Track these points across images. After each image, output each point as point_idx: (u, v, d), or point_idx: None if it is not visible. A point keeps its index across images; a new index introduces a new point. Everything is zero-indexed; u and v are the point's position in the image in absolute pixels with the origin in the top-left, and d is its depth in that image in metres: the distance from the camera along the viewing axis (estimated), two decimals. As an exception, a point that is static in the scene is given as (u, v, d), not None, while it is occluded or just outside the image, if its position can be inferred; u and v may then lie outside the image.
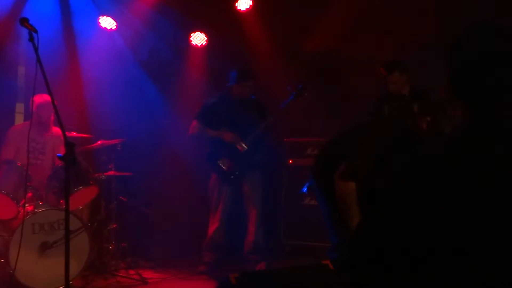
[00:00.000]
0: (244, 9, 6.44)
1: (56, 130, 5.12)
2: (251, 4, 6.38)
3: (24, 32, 3.19)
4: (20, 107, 6.10)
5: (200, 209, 5.79)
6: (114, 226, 5.35)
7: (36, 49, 3.08)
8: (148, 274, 5.11)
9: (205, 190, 5.50)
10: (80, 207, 5.02)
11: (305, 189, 4.44)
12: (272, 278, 2.65)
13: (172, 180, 6.28)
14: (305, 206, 5.72)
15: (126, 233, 5.53)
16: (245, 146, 5.24)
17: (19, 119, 6.02)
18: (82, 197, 4.91)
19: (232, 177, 5.29)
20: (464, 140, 1.43)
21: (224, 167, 5.29)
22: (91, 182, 4.95)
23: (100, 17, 6.29)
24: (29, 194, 4.67)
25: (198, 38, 6.73)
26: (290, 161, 5.99)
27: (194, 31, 6.69)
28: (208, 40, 6.73)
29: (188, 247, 5.70)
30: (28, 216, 4.39)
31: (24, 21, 3.15)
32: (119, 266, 5.20)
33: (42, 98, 4.93)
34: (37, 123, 5.02)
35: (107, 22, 6.33)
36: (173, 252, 5.74)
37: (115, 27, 6.36)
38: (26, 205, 4.56)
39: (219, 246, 5.32)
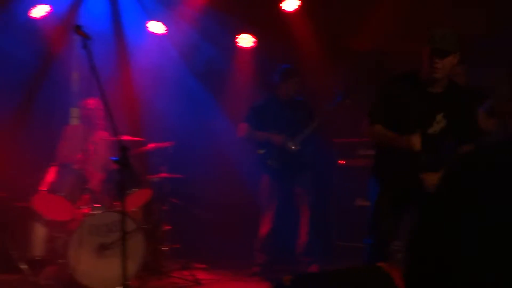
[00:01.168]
0: (292, 10, 6.42)
1: (108, 133, 5.24)
2: (299, 4, 6.35)
3: (77, 38, 3.26)
4: (75, 112, 6.28)
5: (250, 210, 5.81)
6: (168, 227, 5.43)
7: (89, 56, 3.15)
8: (201, 275, 5.15)
9: (255, 191, 5.51)
10: (135, 209, 5.11)
11: None
12: (327, 280, 2.63)
13: (223, 182, 6.32)
14: (357, 207, 5.65)
15: (179, 235, 5.59)
16: (294, 147, 5.23)
17: (74, 124, 6.20)
18: (136, 199, 5.00)
19: (282, 177, 5.29)
20: None
21: (274, 168, 5.29)
22: (145, 185, 5.04)
23: (149, 22, 6.42)
24: (85, 196, 4.81)
25: (245, 40, 6.75)
26: (341, 161, 5.93)
27: (241, 33, 6.72)
28: (256, 42, 6.75)
29: (240, 248, 5.72)
30: (85, 218, 4.51)
31: (77, 29, 3.23)
32: (172, 267, 5.26)
33: (92, 102, 5.07)
34: (89, 127, 5.18)
35: (155, 27, 6.45)
36: (225, 253, 5.78)
37: (164, 31, 6.46)
38: (83, 207, 4.70)
39: (271, 247, 5.32)
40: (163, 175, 5.37)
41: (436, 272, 1.33)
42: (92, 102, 5.10)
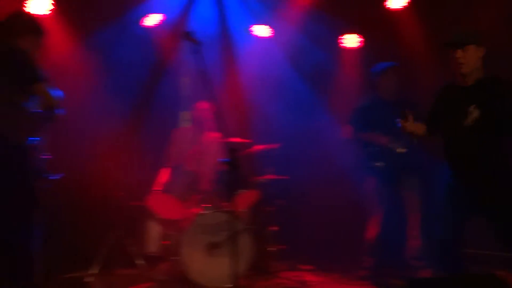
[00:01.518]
0: (399, 7, 6.27)
1: (218, 135, 5.38)
2: (408, 1, 6.18)
3: (188, 44, 3.36)
4: (185, 115, 6.52)
5: (357, 212, 5.72)
6: (274, 228, 5.47)
7: (199, 61, 3.23)
8: (308, 277, 5.14)
9: (362, 194, 5.42)
10: (243, 210, 5.19)
11: None
12: (443, 286, 2.52)
13: (329, 183, 6.26)
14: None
15: (286, 236, 5.62)
16: (401, 149, 5.08)
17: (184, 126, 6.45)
18: (244, 200, 5.10)
19: (389, 179, 5.16)
20: None
21: (380, 170, 5.17)
22: (252, 186, 5.13)
23: (253, 25, 6.52)
24: (196, 197, 4.97)
25: (351, 40, 6.68)
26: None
27: (346, 33, 6.66)
28: (362, 41, 6.65)
29: (346, 250, 5.64)
30: (196, 218, 4.66)
31: (187, 35, 3.33)
32: (279, 267, 5.30)
33: (204, 105, 5.24)
34: (200, 129, 5.35)
35: (261, 30, 6.54)
36: (332, 255, 5.72)
37: (269, 34, 6.54)
38: (193, 207, 4.87)
39: (379, 251, 5.20)
40: (270, 176, 5.43)
41: None
42: (203, 105, 5.28)
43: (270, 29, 6.54)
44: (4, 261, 3.05)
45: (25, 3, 5.32)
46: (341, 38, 6.68)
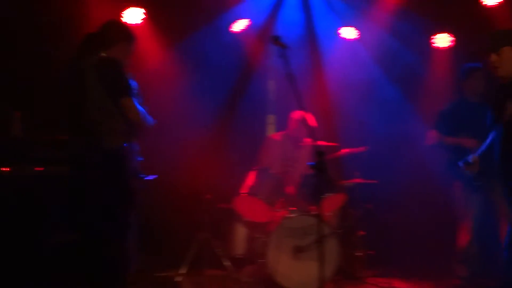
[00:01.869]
0: (494, 3, 6.02)
1: (308, 140, 5.37)
2: (503, -3, 5.94)
3: (274, 48, 3.38)
4: (271, 118, 6.58)
5: (448, 218, 5.53)
6: (362, 233, 5.40)
7: (286, 65, 3.24)
8: (397, 284, 5.04)
9: (451, 199, 5.24)
10: (329, 214, 5.16)
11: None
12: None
13: (418, 188, 6.12)
14: None
15: (374, 241, 5.53)
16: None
17: (270, 130, 6.50)
18: (331, 203, 5.07)
19: (478, 185, 4.94)
20: None
21: (469, 175, 4.96)
22: (339, 190, 5.09)
23: (341, 28, 6.47)
24: (282, 200, 4.99)
25: (442, 40, 6.49)
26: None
27: (437, 33, 6.47)
28: (454, 41, 6.44)
29: (437, 257, 5.48)
30: (282, 221, 4.68)
31: (275, 39, 3.34)
32: (367, 273, 5.22)
33: (299, 115, 5.25)
34: (293, 136, 5.38)
35: (347, 32, 6.49)
36: (422, 262, 5.59)
37: (356, 36, 6.48)
38: (280, 210, 4.89)
39: (472, 259, 4.99)
40: (357, 180, 5.37)
41: None
42: (298, 115, 5.31)
43: (357, 31, 6.47)
44: (101, 261, 3.18)
45: (122, 14, 5.61)
46: (432, 38, 6.51)
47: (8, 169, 4.03)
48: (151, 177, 3.42)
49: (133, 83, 3.54)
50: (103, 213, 3.17)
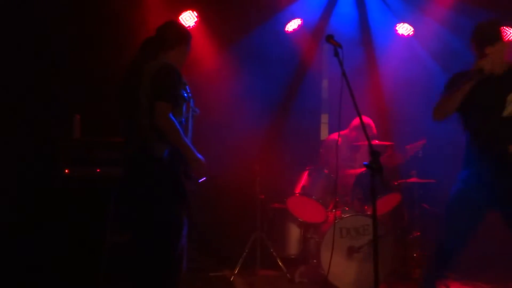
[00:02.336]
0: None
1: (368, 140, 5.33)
2: None
3: (328, 46, 3.39)
4: (324, 117, 6.55)
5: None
6: (417, 234, 5.31)
7: (341, 64, 3.22)
8: (455, 286, 4.96)
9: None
10: (384, 214, 5.12)
11: None
12: None
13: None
14: None
15: (430, 242, 5.42)
16: None
17: (324, 129, 6.49)
18: (385, 204, 5.01)
19: None
20: None
21: None
22: (394, 189, 5.02)
23: (398, 24, 6.38)
24: (336, 200, 4.97)
25: (507, 33, 6.27)
26: None
27: (505, 26, 6.25)
28: (515, 35, 6.22)
29: (499, 259, 5.33)
30: (336, 221, 4.66)
31: (329, 38, 3.33)
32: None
33: (357, 121, 5.23)
34: (353, 138, 5.36)
35: (404, 29, 6.38)
36: (482, 263, 5.43)
37: (412, 33, 6.37)
38: (334, 210, 4.88)
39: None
40: (413, 179, 5.28)
41: None
42: (356, 121, 5.29)
43: (413, 28, 6.35)
44: (155, 262, 3.17)
45: (178, 18, 5.72)
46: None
47: (68, 170, 4.16)
48: (202, 179, 3.42)
49: (196, 109, 3.47)
50: (156, 214, 3.17)
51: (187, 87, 3.39)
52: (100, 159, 4.21)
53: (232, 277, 5.06)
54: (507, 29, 6.24)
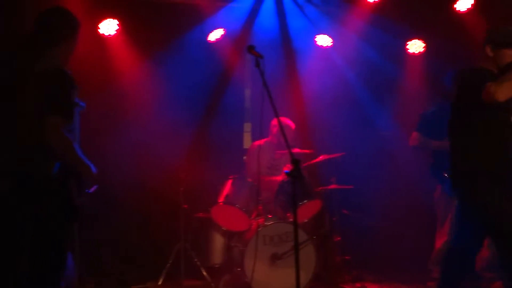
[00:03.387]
0: (465, 9, 6.15)
1: (285, 148, 5.40)
2: (472, 3, 6.06)
3: (250, 56, 3.40)
4: (247, 126, 6.60)
5: (424, 221, 5.61)
6: (338, 239, 5.43)
7: (262, 74, 3.26)
8: (373, 287, 5.08)
9: (429, 203, 5.31)
10: (306, 220, 5.17)
11: None
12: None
13: (394, 192, 6.19)
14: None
15: (350, 246, 5.58)
16: None
17: (246, 137, 6.53)
18: (307, 210, 5.07)
19: None
20: None
21: (449, 179, 5.04)
22: (315, 196, 5.11)
23: (317, 35, 6.54)
24: (259, 208, 4.98)
25: (415, 46, 6.60)
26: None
27: (411, 39, 6.58)
28: (426, 47, 6.56)
29: (413, 260, 5.53)
30: (259, 229, 4.68)
31: (250, 49, 3.35)
32: (344, 278, 5.25)
33: (278, 121, 5.27)
34: (275, 144, 5.42)
35: (323, 40, 6.55)
36: (398, 265, 5.63)
37: (331, 44, 6.55)
38: (257, 218, 4.89)
39: (449, 261, 5.06)
40: (333, 186, 5.40)
41: None
42: (275, 122, 5.34)
43: (331, 39, 6.54)
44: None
45: (98, 25, 5.58)
46: (406, 44, 6.61)
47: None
48: (92, 189, 3.09)
49: (82, 104, 2.99)
50: (47, 233, 2.79)
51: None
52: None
53: (156, 288, 5.00)
54: (417, 41, 6.57)
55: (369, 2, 6.13)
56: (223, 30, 6.14)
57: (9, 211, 2.80)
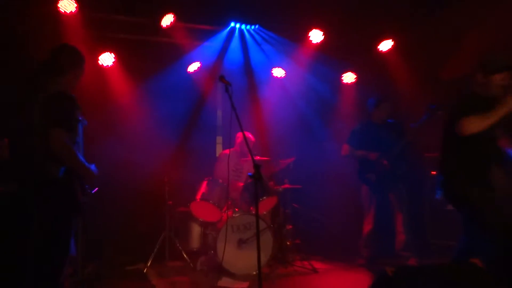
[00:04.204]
0: (386, 49, 6.29)
1: (249, 155, 5.39)
2: (392, 44, 6.21)
3: (221, 84, 3.37)
4: (219, 139, 6.57)
5: (355, 212, 5.67)
6: (290, 227, 5.44)
7: (230, 98, 3.24)
8: (317, 265, 5.10)
9: (357, 198, 5.38)
10: (265, 212, 5.20)
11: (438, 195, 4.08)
12: (426, 273, 2.45)
13: (334, 191, 6.24)
14: (448, 210, 5.27)
15: (300, 233, 5.59)
16: (388, 162, 5.04)
17: (218, 149, 6.50)
18: (266, 205, 5.10)
19: (378, 188, 5.11)
20: None
21: (371, 180, 5.13)
22: (272, 193, 5.12)
23: (273, 68, 6.57)
24: (228, 203, 4.98)
25: (348, 77, 6.71)
26: (434, 172, 5.58)
27: (345, 72, 6.68)
28: (357, 78, 6.67)
29: (348, 243, 5.58)
30: (228, 219, 4.67)
31: (221, 78, 3.33)
32: (295, 258, 5.26)
33: (241, 134, 5.28)
34: (239, 152, 5.40)
35: (278, 72, 6.59)
36: (336, 248, 5.67)
37: (284, 75, 6.59)
38: (227, 211, 4.87)
39: (373, 243, 5.14)
40: (286, 186, 5.42)
41: None
42: (241, 134, 5.33)
43: (284, 71, 6.58)
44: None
45: (98, 58, 5.47)
46: (341, 76, 6.70)
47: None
48: (94, 190, 3.02)
49: (84, 121, 2.99)
50: (55, 229, 2.73)
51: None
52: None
53: (145, 269, 4.89)
54: (350, 73, 6.67)
55: (313, 43, 6.18)
56: (200, 63, 6.11)
57: (22, 208, 2.73)
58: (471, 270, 2.48)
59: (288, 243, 5.36)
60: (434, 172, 5.56)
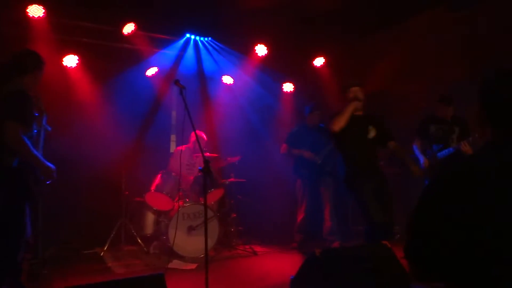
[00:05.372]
0: (319, 65, 6.48)
1: (200, 152, 5.34)
2: (324, 61, 6.40)
3: (176, 87, 3.34)
4: (173, 137, 6.47)
5: (290, 203, 5.79)
6: (234, 215, 5.47)
7: (184, 99, 3.22)
8: (257, 248, 5.15)
9: (293, 190, 5.50)
10: (212, 203, 5.19)
11: None
12: (346, 253, 2.59)
13: (273, 184, 6.33)
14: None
15: (243, 220, 5.62)
16: (319, 160, 5.21)
17: (172, 146, 6.40)
18: (214, 196, 5.09)
19: (310, 181, 5.26)
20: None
21: (305, 174, 5.27)
22: (219, 186, 5.12)
23: (223, 75, 6.57)
24: (180, 194, 4.93)
25: (288, 87, 6.83)
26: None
27: (285, 82, 6.80)
28: (295, 88, 6.81)
29: (283, 229, 5.69)
30: (180, 208, 4.63)
31: (176, 82, 3.30)
32: (238, 242, 5.30)
33: (195, 134, 5.21)
34: (192, 149, 5.34)
35: (227, 79, 6.59)
36: (274, 233, 5.76)
37: (232, 82, 6.61)
38: (178, 201, 4.82)
39: (305, 229, 5.27)
40: (232, 179, 5.44)
41: (432, 244, 1.28)
42: (193, 134, 5.26)
43: (233, 79, 6.60)
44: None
45: (62, 59, 5.22)
46: (282, 85, 6.82)
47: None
48: (49, 181, 2.92)
49: (48, 128, 2.92)
50: (8, 215, 2.63)
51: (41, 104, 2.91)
52: None
53: (102, 252, 4.73)
54: (289, 83, 6.80)
55: (258, 56, 6.25)
56: (157, 68, 5.99)
57: None
58: (381, 250, 2.63)
59: (232, 229, 5.38)
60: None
